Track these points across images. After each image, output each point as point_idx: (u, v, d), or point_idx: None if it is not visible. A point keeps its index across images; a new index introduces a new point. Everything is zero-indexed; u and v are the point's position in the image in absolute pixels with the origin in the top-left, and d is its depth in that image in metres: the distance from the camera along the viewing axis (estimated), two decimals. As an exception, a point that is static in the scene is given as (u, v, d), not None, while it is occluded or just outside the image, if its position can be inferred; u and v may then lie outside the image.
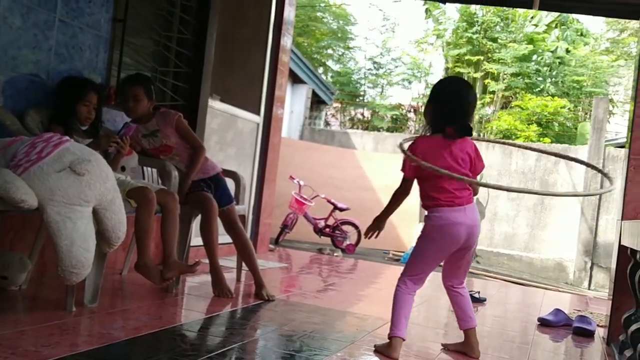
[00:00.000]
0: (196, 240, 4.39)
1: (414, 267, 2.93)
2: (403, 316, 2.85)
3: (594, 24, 27.56)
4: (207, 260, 3.81)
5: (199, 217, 3.85)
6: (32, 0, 3.30)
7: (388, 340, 2.82)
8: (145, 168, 4.11)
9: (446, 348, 3.09)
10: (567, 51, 16.29)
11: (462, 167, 2.83)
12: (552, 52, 16.39)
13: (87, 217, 2.72)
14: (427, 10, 17.49)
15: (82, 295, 2.96)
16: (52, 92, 3.43)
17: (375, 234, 3.09)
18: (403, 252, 9.47)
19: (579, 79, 15.86)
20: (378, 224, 3.08)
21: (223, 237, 4.05)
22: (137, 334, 2.60)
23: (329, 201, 9.23)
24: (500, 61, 15.90)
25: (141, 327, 2.73)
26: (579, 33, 17.27)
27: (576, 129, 14.34)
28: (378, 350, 2.84)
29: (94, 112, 3.36)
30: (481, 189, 3.02)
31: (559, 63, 16.30)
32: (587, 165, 3.25)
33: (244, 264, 4.14)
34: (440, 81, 3.05)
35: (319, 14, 19.46)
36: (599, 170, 2.94)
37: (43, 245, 3.31)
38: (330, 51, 19.78)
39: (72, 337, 2.48)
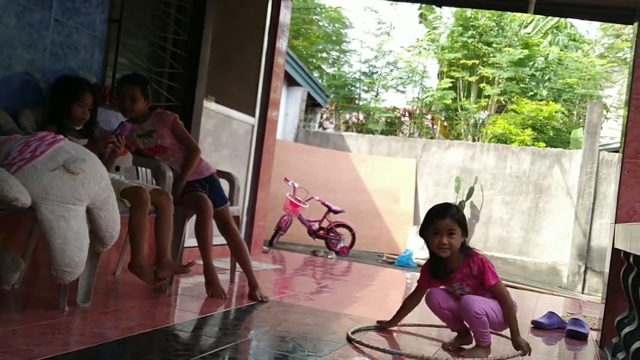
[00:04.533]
0: (190, 241, 4.38)
1: None
2: None
3: (590, 30, 27.67)
4: (201, 262, 3.80)
5: (193, 218, 3.84)
6: (27, -1, 3.30)
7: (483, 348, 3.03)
8: (139, 168, 4.10)
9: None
10: (559, 57, 16.33)
11: None
12: (544, 57, 16.44)
13: (81, 216, 2.71)
14: (421, 15, 17.50)
15: (74, 294, 2.95)
16: (47, 92, 3.43)
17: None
18: (397, 255, 9.47)
19: (570, 81, 15.90)
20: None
21: (217, 239, 4.04)
22: (129, 334, 2.60)
23: (323, 203, 9.23)
24: (496, 65, 15.94)
25: (134, 327, 2.72)
26: (571, 38, 17.32)
27: (570, 133, 14.38)
28: (472, 355, 2.99)
29: (89, 112, 3.35)
30: (476, 192, 3.15)
31: (552, 68, 16.34)
32: None
33: (237, 265, 4.13)
34: None
35: (314, 17, 19.45)
36: None
37: (36, 244, 3.29)
38: (324, 54, 19.76)
39: (64, 336, 2.47)
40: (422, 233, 3.13)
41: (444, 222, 3.01)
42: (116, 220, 2.93)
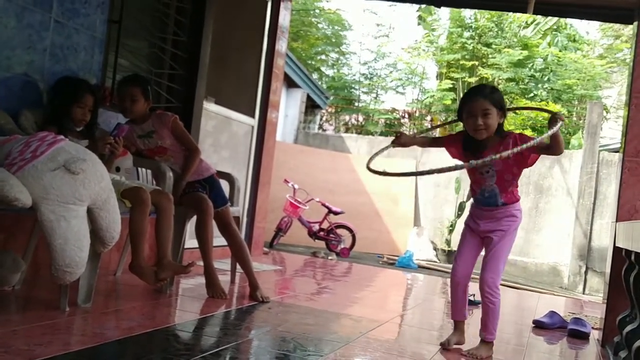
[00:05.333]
0: (190, 242, 4.37)
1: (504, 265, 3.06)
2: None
3: (590, 31, 27.67)
4: (201, 262, 3.80)
5: (193, 219, 3.84)
6: (27, 0, 3.30)
7: (486, 344, 3.04)
8: (139, 169, 4.10)
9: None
10: (558, 58, 16.34)
11: None
12: (544, 58, 16.45)
13: (82, 216, 2.71)
14: (420, 17, 17.49)
15: (75, 295, 2.95)
16: (47, 93, 3.42)
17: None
18: (397, 256, 9.47)
19: (570, 82, 15.90)
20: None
21: (217, 240, 4.04)
22: (130, 334, 2.59)
23: (323, 205, 9.23)
24: (495, 66, 15.95)
25: (134, 327, 2.72)
26: (571, 39, 17.32)
27: (569, 134, 14.38)
28: (474, 354, 2.99)
29: (89, 114, 3.35)
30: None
31: (551, 69, 16.34)
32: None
33: (238, 266, 4.12)
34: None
35: (313, 19, 19.46)
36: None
37: (37, 245, 3.29)
38: (324, 56, 19.77)
39: (65, 336, 2.46)
40: (460, 118, 3.01)
41: (476, 103, 2.88)
42: (117, 220, 2.92)
